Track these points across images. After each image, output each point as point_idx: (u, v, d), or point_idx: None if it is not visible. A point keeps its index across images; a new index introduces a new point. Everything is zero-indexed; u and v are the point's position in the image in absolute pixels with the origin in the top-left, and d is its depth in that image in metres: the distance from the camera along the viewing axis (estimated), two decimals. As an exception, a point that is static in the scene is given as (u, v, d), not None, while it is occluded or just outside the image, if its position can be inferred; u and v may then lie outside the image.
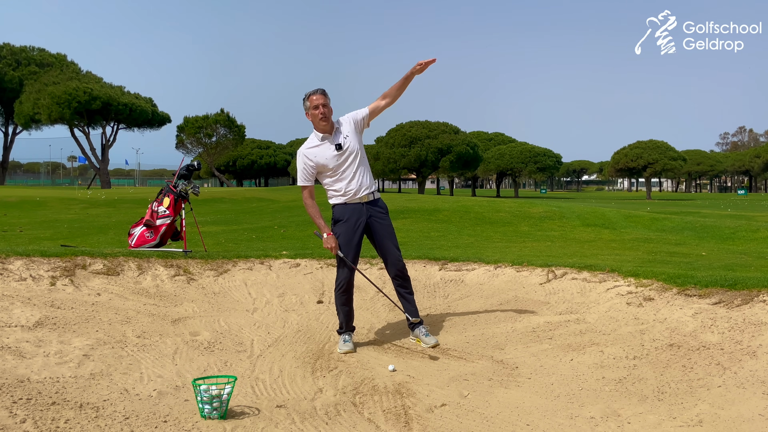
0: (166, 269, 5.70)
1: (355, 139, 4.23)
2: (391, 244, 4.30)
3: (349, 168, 4.21)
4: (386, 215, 4.37)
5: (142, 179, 71.41)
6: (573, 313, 4.68)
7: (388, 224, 4.33)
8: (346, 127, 4.24)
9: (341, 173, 4.21)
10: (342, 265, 4.27)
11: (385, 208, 4.39)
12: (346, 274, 4.25)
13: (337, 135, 4.21)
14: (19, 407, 2.93)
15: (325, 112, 4.14)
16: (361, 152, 4.27)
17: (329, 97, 4.21)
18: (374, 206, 4.30)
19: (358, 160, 4.23)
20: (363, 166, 4.29)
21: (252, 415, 3.01)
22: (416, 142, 51.03)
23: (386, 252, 4.30)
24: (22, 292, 4.74)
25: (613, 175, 65.49)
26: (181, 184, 7.02)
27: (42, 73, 42.69)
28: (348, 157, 4.20)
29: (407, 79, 4.22)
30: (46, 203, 20.21)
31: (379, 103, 4.29)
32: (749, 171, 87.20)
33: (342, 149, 4.18)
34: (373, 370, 3.79)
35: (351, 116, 4.29)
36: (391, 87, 4.27)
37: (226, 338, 4.38)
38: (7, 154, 49.26)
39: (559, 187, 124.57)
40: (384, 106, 4.31)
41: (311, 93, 4.18)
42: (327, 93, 4.20)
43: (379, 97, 4.31)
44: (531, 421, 2.99)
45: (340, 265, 4.27)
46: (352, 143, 4.21)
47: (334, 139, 4.19)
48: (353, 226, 4.24)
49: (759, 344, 3.52)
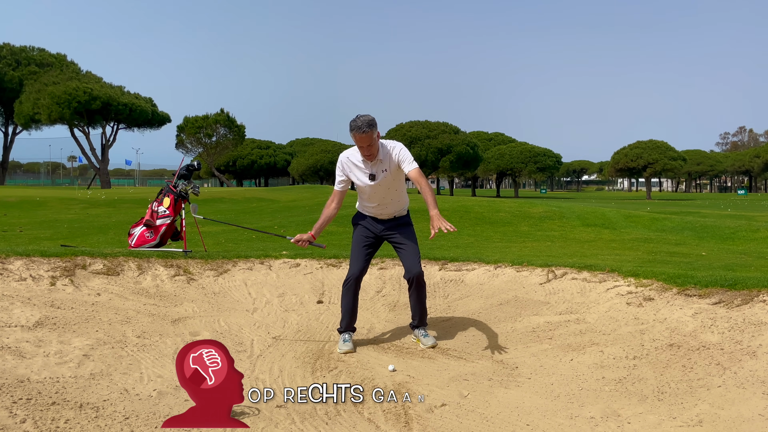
0: (166, 269, 5.70)
1: (392, 176, 4.12)
2: (408, 253, 4.26)
3: (376, 195, 4.19)
4: (407, 227, 4.33)
5: (142, 179, 71.41)
6: (573, 313, 4.68)
7: (408, 234, 4.29)
8: (389, 163, 4.07)
9: (368, 196, 4.21)
10: (353, 262, 4.31)
11: (407, 220, 4.36)
12: (353, 272, 4.28)
13: (378, 165, 4.09)
14: (19, 407, 2.93)
15: (371, 151, 4.00)
16: (393, 188, 4.16)
17: (376, 128, 3.93)
18: (394, 221, 4.31)
19: (386, 194, 4.18)
20: (392, 197, 4.21)
21: (252, 415, 3.01)
22: (416, 142, 51.02)
23: (405, 261, 4.30)
24: (22, 292, 4.74)
25: (613, 175, 65.47)
26: (181, 184, 7.03)
27: (42, 73, 42.66)
28: (377, 189, 4.15)
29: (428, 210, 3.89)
30: (46, 203, 20.20)
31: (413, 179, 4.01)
32: (749, 171, 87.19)
33: (374, 180, 4.12)
34: (373, 370, 3.79)
35: (401, 157, 4.04)
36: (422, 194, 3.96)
37: (226, 338, 4.38)
38: (7, 154, 49.24)
39: (559, 187, 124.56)
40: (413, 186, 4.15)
41: (356, 131, 3.89)
42: (375, 126, 3.92)
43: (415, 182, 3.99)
44: (531, 421, 2.99)
45: (351, 261, 4.33)
46: (387, 181, 4.12)
47: (371, 167, 4.10)
48: (365, 234, 4.31)
49: (759, 344, 3.51)
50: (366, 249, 4.30)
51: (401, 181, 4.22)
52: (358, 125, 3.90)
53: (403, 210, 4.35)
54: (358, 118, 3.93)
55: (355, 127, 3.90)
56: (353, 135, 3.93)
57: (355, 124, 3.91)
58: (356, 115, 3.95)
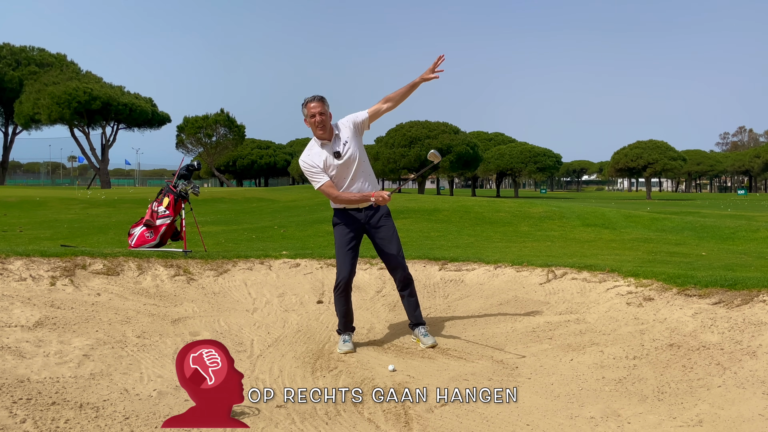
0: (166, 269, 5.70)
1: (354, 144, 4.13)
2: (392, 249, 4.25)
3: (348, 175, 4.14)
4: (388, 218, 4.31)
5: (142, 179, 71.40)
6: (573, 313, 4.68)
7: (388, 227, 4.26)
8: (346, 132, 4.13)
9: (340, 180, 4.15)
10: (340, 266, 4.25)
11: (387, 212, 4.33)
12: (343, 275, 4.22)
13: (337, 141, 4.11)
14: (19, 407, 2.93)
15: (323, 120, 4.04)
16: (361, 158, 4.16)
17: (327, 104, 4.10)
18: (375, 212, 4.26)
19: (357, 166, 4.14)
20: (363, 172, 4.20)
21: (252, 415, 3.01)
22: (416, 142, 51.00)
23: (387, 257, 4.28)
24: (22, 292, 4.74)
25: (613, 175, 65.48)
26: (181, 184, 7.03)
27: (42, 73, 42.67)
28: (347, 165, 4.12)
29: (414, 86, 4.08)
30: (46, 203, 20.21)
31: (380, 107, 4.17)
32: (749, 171, 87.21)
33: (341, 157, 4.09)
34: (373, 370, 3.79)
35: (351, 119, 4.16)
36: (396, 91, 4.15)
37: (226, 338, 4.38)
38: (7, 154, 49.25)
39: (559, 187, 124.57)
40: (385, 110, 4.17)
41: (308, 100, 4.07)
42: (325, 100, 4.09)
43: (381, 100, 4.19)
44: (531, 421, 2.99)
45: (338, 266, 4.26)
46: (352, 149, 4.11)
47: (333, 146, 4.10)
48: (349, 232, 4.23)
49: (759, 344, 3.51)
50: (350, 251, 4.23)
51: (363, 150, 4.23)
52: (312, 95, 4.08)
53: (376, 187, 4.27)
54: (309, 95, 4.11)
55: (309, 98, 4.07)
56: (309, 106, 4.05)
57: (309, 96, 4.09)
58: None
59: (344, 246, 4.23)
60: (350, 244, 4.23)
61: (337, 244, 4.25)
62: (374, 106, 4.20)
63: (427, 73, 4.03)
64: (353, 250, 4.25)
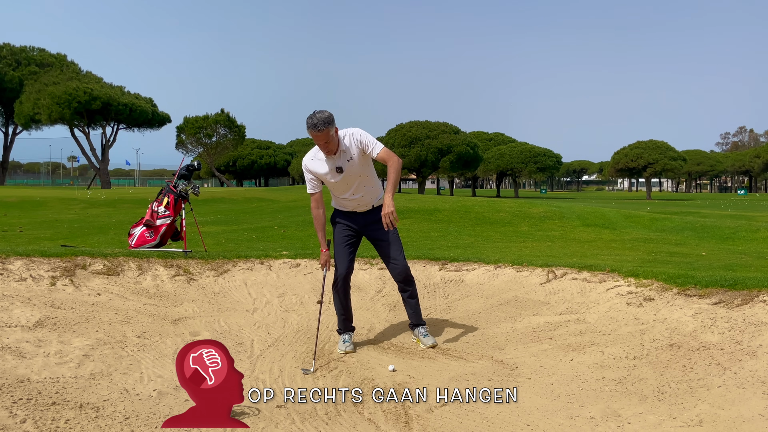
0: (166, 269, 5.70)
1: (359, 163, 4.02)
2: (391, 250, 4.23)
3: (347, 189, 4.12)
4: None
5: (142, 179, 71.42)
6: (573, 313, 4.68)
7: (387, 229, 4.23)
8: (354, 150, 3.98)
9: (339, 190, 4.15)
10: (338, 263, 4.26)
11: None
12: (340, 272, 4.23)
13: (342, 157, 4.00)
14: (19, 407, 2.93)
15: (329, 148, 3.92)
16: (363, 174, 4.08)
17: (331, 124, 3.81)
18: (374, 214, 4.25)
19: (358, 182, 4.10)
20: (366, 186, 4.14)
21: (252, 415, 3.01)
22: (416, 142, 51.00)
23: (387, 258, 4.27)
24: (22, 292, 4.74)
25: (613, 175, 65.45)
26: (181, 184, 7.03)
27: (42, 73, 42.68)
28: (346, 181, 4.07)
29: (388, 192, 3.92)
30: (46, 203, 20.21)
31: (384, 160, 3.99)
32: (749, 171, 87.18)
33: (342, 172, 4.04)
34: (373, 370, 3.79)
35: (363, 144, 3.97)
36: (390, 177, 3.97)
37: (226, 338, 4.38)
38: (7, 154, 49.25)
39: (559, 187, 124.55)
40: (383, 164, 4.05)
41: (312, 129, 3.78)
42: (329, 125, 3.80)
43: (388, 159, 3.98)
44: (531, 421, 2.99)
45: (336, 262, 4.27)
46: (355, 168, 4.03)
47: (337, 161, 4.01)
48: (347, 229, 4.25)
49: (759, 344, 3.51)
50: (349, 248, 4.24)
51: (370, 166, 4.14)
52: (314, 123, 3.77)
53: (380, 199, 4.24)
54: (314, 115, 3.79)
55: (311, 125, 3.78)
56: (310, 132, 3.83)
57: (311, 122, 3.78)
58: (313, 112, 3.83)
59: (342, 243, 4.24)
60: (348, 241, 4.24)
61: (336, 241, 4.27)
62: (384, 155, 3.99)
63: (386, 208, 3.89)
64: (351, 247, 4.26)
